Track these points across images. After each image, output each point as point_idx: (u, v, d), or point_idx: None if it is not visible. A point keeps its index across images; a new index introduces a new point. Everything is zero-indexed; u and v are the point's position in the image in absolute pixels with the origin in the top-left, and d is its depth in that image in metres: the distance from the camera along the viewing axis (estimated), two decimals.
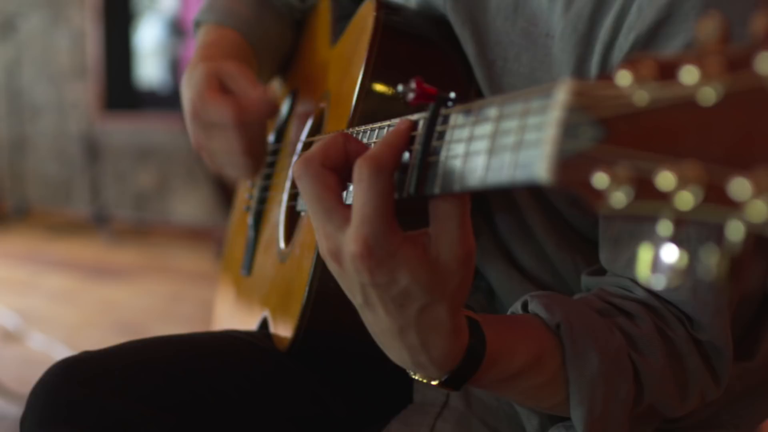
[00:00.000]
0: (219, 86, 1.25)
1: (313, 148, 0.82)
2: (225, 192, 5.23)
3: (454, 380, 0.86)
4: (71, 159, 7.05)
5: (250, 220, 1.46)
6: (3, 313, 4.32)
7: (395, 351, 0.85)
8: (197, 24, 1.51)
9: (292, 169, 0.82)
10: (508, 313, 1.01)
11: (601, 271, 1.06)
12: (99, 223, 6.28)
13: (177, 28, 8.98)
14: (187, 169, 6.41)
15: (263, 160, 1.27)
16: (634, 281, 1.01)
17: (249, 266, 1.44)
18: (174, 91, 8.72)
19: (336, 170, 0.81)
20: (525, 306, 0.99)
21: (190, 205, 6.44)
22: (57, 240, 6.19)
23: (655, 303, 1.00)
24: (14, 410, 3.18)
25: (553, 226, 1.12)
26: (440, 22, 1.18)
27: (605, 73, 0.58)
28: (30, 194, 7.12)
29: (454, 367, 0.85)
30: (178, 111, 5.55)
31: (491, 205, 1.15)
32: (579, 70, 1.05)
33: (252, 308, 1.38)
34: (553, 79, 1.07)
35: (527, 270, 1.15)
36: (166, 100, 7.89)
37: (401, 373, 0.90)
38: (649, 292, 1.00)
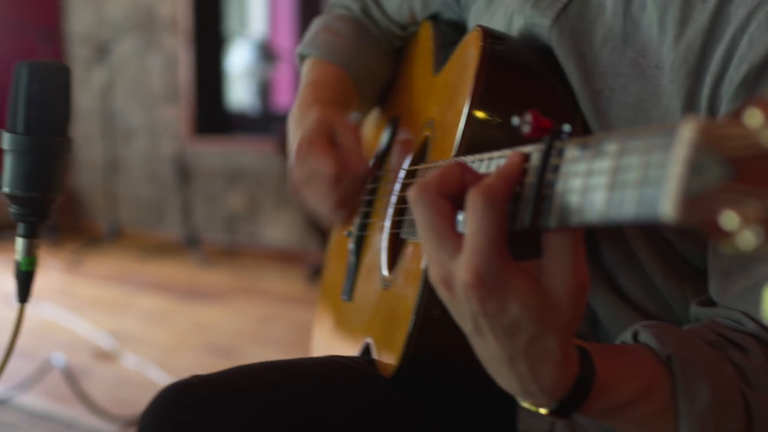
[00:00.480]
0: (327, 137, 1.28)
1: (430, 175, 0.82)
2: (315, 215, 5.26)
3: (563, 409, 0.86)
4: (163, 181, 7.16)
5: (351, 245, 1.47)
6: (97, 333, 4.40)
7: (504, 378, 0.85)
8: (301, 57, 1.54)
9: (408, 194, 0.83)
10: (617, 342, 1.01)
11: (711, 302, 1.05)
12: (190, 244, 6.36)
13: (266, 52, 9.08)
14: (277, 192, 6.47)
15: (355, 213, 1.30)
16: (746, 314, 1.00)
17: (350, 292, 1.45)
18: (263, 114, 8.81)
19: (451, 198, 0.81)
20: (634, 335, 0.98)
21: (279, 227, 6.49)
22: (149, 261, 6.28)
23: (767, 337, 0.99)
24: (108, 429, 3.23)
25: (662, 255, 1.11)
26: (544, 52, 1.19)
27: (733, 111, 0.58)
28: (122, 216, 7.24)
29: (564, 396, 0.85)
30: (268, 134, 5.58)
31: (596, 234, 1.15)
32: (689, 102, 1.04)
33: (354, 334, 1.39)
34: (663, 110, 1.07)
35: (633, 299, 1.15)
36: (255, 124, 7.98)
37: (505, 401, 0.90)
38: (761, 326, 0.99)
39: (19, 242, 1.11)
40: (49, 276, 5.78)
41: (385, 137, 1.49)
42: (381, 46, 1.55)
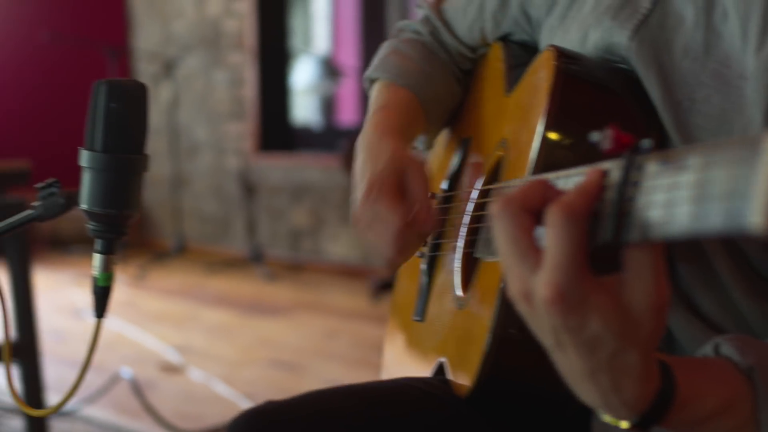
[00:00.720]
0: (397, 181, 1.29)
1: (513, 190, 0.83)
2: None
3: (644, 422, 0.86)
4: (228, 197, 7.21)
5: (423, 265, 1.48)
6: (163, 347, 4.44)
7: (586, 392, 0.85)
8: (370, 80, 1.55)
9: (490, 208, 0.83)
10: (698, 355, 1.00)
11: None
12: (255, 259, 6.40)
13: (330, 69, 9.13)
14: (340, 208, 6.49)
15: (407, 260, 1.31)
16: None
17: (422, 312, 1.45)
18: (327, 130, 8.86)
19: (532, 214, 0.82)
20: (716, 348, 0.98)
21: (343, 243, 6.51)
22: (214, 276, 6.33)
23: None
24: None
25: (742, 273, 1.10)
26: (619, 70, 1.18)
27: None
28: (188, 231, 7.31)
29: (645, 410, 0.85)
30: (332, 150, 5.61)
31: (672, 253, 1.14)
32: None
33: (426, 354, 1.39)
34: (746, 121, 1.06)
35: (710, 318, 1.14)
36: (319, 139, 8.02)
37: (583, 417, 0.90)
38: None
39: (97, 258, 1.12)
40: (116, 290, 5.84)
41: (456, 158, 1.49)
42: (450, 69, 1.56)
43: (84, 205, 1.10)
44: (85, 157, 1.10)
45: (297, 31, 8.72)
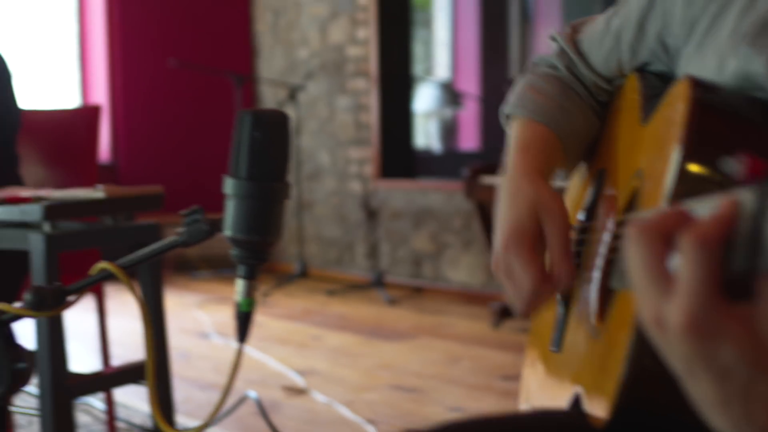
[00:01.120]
0: (536, 231, 1.31)
1: (649, 217, 0.83)
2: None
3: None
4: (349, 221, 7.28)
5: (559, 296, 1.48)
6: (286, 369, 4.50)
7: (718, 421, 0.84)
8: (507, 116, 1.57)
9: (625, 233, 0.84)
10: None
11: None
12: (376, 284, 6.44)
13: (450, 94, 9.16)
14: (461, 233, 6.50)
15: (537, 309, 1.33)
16: None
17: (559, 342, 1.46)
18: (447, 155, 8.89)
19: (666, 241, 0.82)
20: None
21: (464, 268, 6.51)
22: (336, 300, 6.38)
23: None
24: None
25: None
26: (756, 99, 1.17)
27: None
28: (310, 255, 7.40)
29: None
30: (453, 176, 5.61)
31: None
32: None
33: (563, 384, 1.39)
34: None
35: None
36: (440, 164, 8.05)
37: None
38: None
39: (240, 284, 1.16)
40: None
41: (592, 189, 1.50)
42: (587, 103, 1.56)
43: (228, 232, 1.14)
44: (229, 185, 1.13)
45: (418, 58, 8.77)
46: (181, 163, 7.71)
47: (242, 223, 1.13)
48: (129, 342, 4.99)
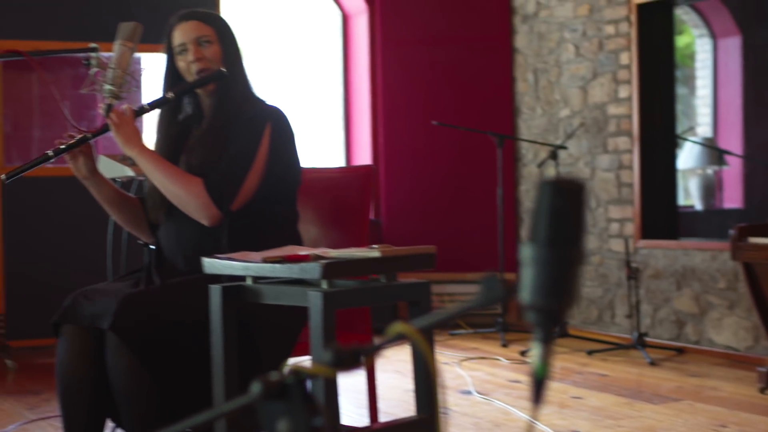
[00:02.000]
0: None
1: None
2: None
3: None
4: (610, 281, 7.20)
5: None
6: (548, 429, 4.48)
7: None
8: None
9: None
10: None
11: None
12: (637, 344, 6.33)
13: (713, 152, 8.94)
14: (726, 294, 6.31)
15: None
16: None
17: None
18: (708, 213, 8.66)
19: None
20: None
21: (729, 330, 6.32)
22: (597, 360, 6.30)
23: None
24: None
25: None
26: None
27: None
28: (570, 314, 7.34)
29: None
30: (715, 236, 5.48)
31: None
32: None
33: None
34: None
35: None
36: (703, 223, 7.86)
37: None
38: None
39: (536, 347, 1.18)
40: (500, 371, 5.97)
41: None
42: None
43: (526, 297, 1.16)
44: (527, 250, 1.17)
45: (680, 115, 8.62)
46: (441, 222, 7.84)
47: (541, 288, 1.15)
48: (390, 397, 5.09)
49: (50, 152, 3.35)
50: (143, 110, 3.49)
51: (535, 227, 1.16)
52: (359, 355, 1.37)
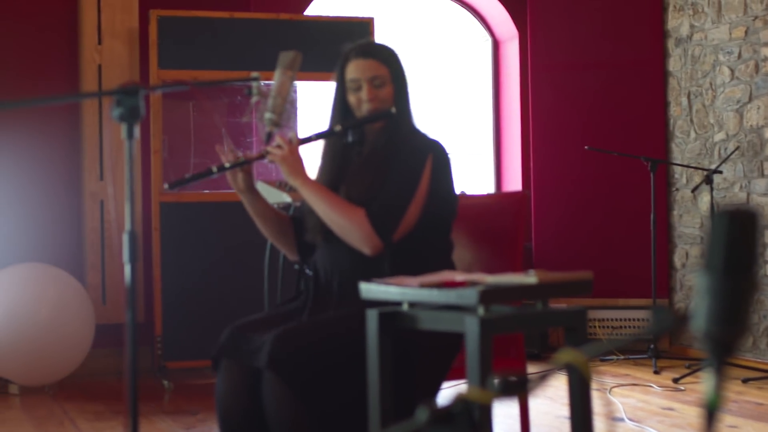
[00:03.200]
0: None
1: None
2: None
3: None
4: (767, 307, 7.02)
5: None
6: None
7: None
8: None
9: None
10: None
11: None
12: None
13: None
14: None
15: None
16: None
17: None
18: None
19: None
20: None
21: None
22: (752, 388, 6.15)
23: None
24: None
25: None
26: None
27: None
28: None
29: None
30: None
31: None
32: None
33: None
34: None
35: None
36: None
37: None
38: None
39: (710, 377, 1.17)
40: (649, 400, 5.87)
41: None
42: None
43: (700, 325, 1.16)
44: (703, 279, 1.16)
45: None
46: (593, 247, 7.76)
47: (717, 317, 1.15)
48: (542, 423, 5.06)
49: (214, 168, 3.47)
50: (309, 140, 3.56)
51: (711, 256, 1.16)
52: (526, 382, 1.38)
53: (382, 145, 3.54)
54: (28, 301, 6.07)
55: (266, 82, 3.29)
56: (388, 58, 3.57)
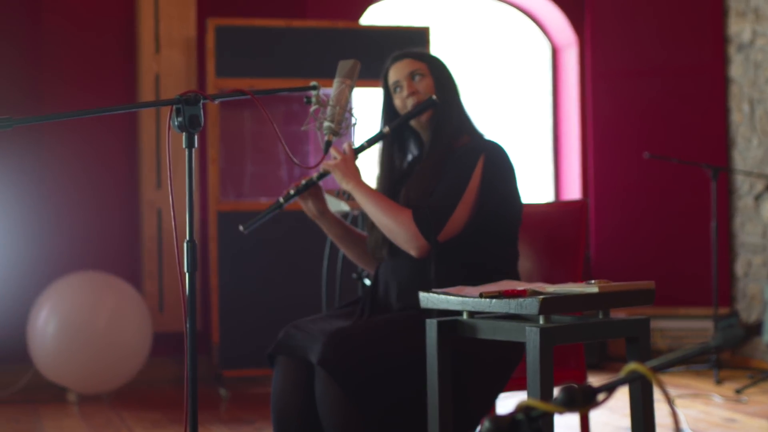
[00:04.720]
0: None
1: None
2: None
3: None
4: None
5: None
6: None
7: None
8: None
9: None
10: None
11: None
12: None
13: None
14: None
15: None
16: None
17: None
18: None
19: None
20: None
21: None
22: None
23: None
24: None
25: None
26: None
27: None
28: None
29: None
30: None
31: None
32: None
33: None
34: None
35: None
36: None
37: None
38: None
39: None
40: (710, 411, 5.79)
41: None
42: None
43: None
44: None
45: None
46: (653, 256, 7.68)
47: None
48: None
49: (281, 199, 3.51)
50: (362, 148, 3.57)
51: None
52: (595, 394, 1.36)
53: (436, 146, 3.53)
54: (86, 309, 6.12)
55: (324, 90, 3.28)
56: (423, 55, 3.64)
